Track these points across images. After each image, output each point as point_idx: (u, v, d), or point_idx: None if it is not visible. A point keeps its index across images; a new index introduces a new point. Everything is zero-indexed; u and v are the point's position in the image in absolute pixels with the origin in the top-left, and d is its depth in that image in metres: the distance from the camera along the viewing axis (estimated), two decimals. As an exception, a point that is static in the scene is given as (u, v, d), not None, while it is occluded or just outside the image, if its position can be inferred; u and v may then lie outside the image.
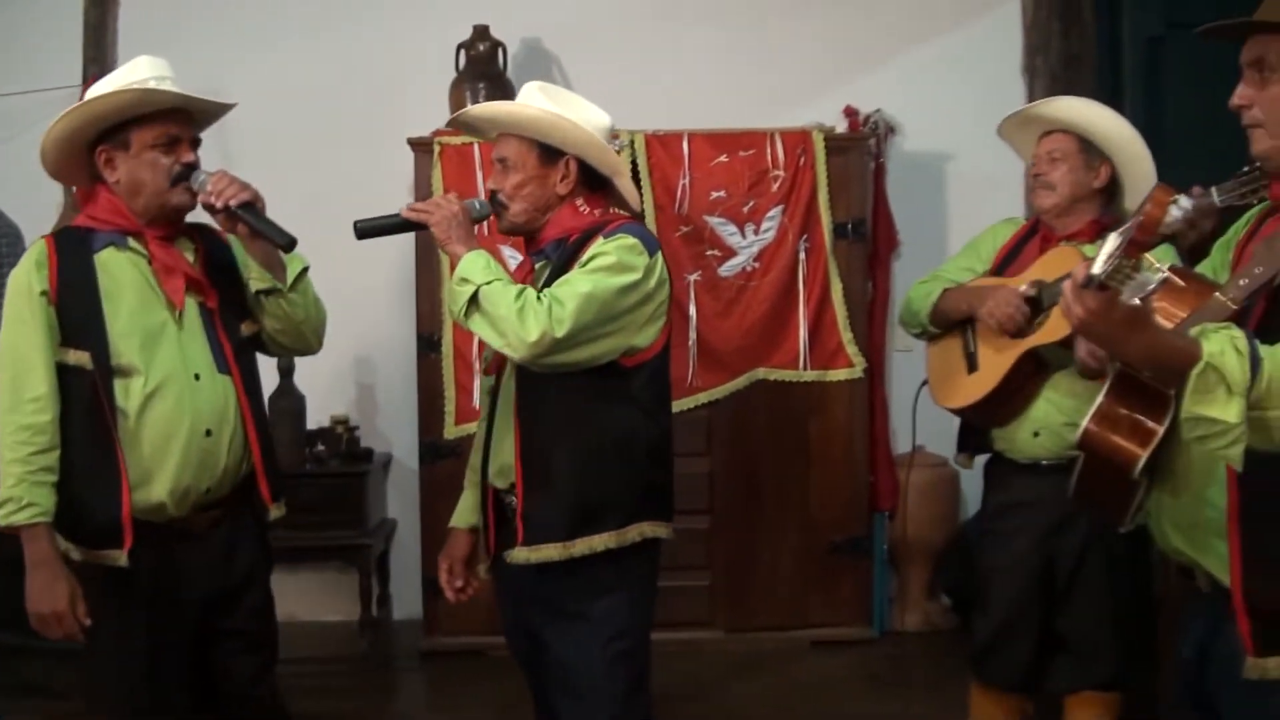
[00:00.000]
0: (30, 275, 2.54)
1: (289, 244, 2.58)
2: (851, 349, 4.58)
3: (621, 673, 2.56)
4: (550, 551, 2.50)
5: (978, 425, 3.30)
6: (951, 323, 3.26)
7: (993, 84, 4.78)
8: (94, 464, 2.52)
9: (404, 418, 4.83)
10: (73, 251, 2.58)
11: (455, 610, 4.53)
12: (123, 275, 2.58)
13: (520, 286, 2.44)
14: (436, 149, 4.47)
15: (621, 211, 2.67)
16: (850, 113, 4.86)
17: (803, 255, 4.54)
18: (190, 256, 2.66)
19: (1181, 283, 1.97)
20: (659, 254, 2.56)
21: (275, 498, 2.73)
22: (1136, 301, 1.70)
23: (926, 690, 4.24)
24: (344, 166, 4.83)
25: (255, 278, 2.64)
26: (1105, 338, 1.80)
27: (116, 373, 2.52)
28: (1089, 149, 3.12)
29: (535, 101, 2.57)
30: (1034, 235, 3.25)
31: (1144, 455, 1.91)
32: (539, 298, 2.39)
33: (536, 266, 2.60)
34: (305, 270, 2.71)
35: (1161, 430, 1.87)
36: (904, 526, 4.78)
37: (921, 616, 4.86)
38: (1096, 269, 1.68)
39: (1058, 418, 3.08)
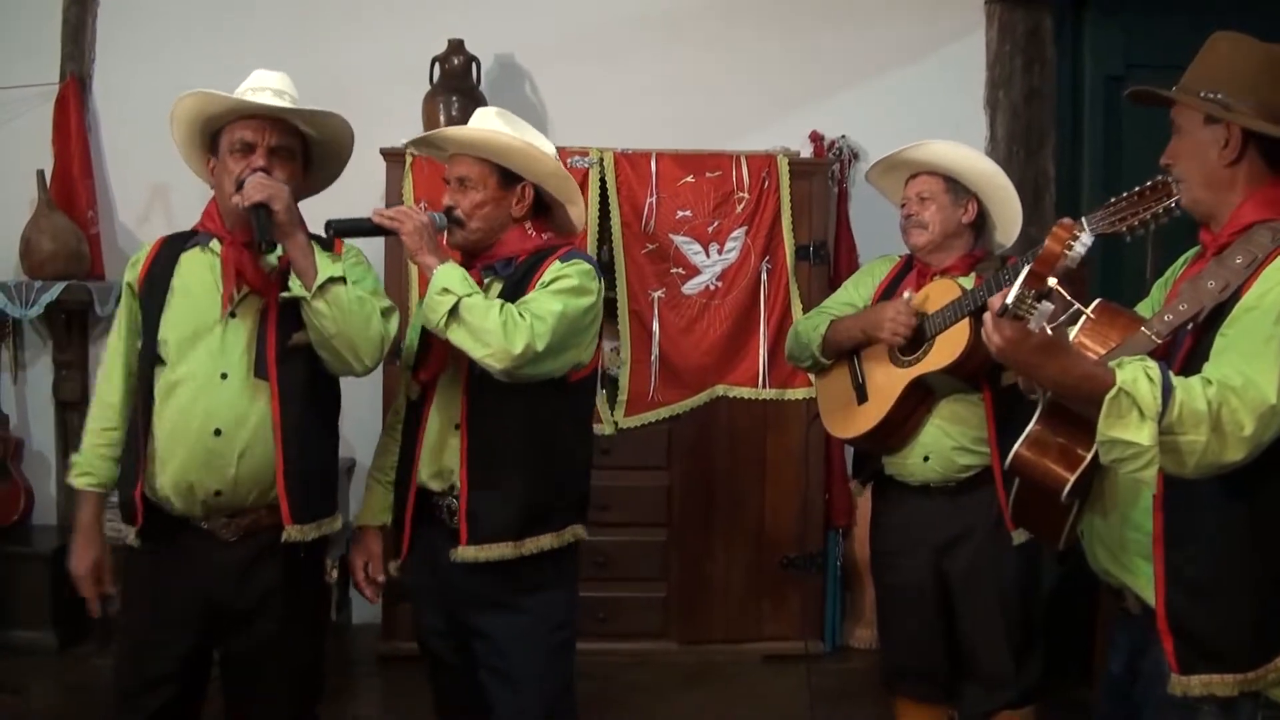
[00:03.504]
0: (127, 269, 2.75)
1: (259, 239, 2.54)
2: (810, 369, 4.66)
3: (560, 665, 2.69)
4: (503, 550, 2.61)
5: (870, 452, 3.38)
6: (843, 351, 3.35)
7: (955, 115, 4.87)
8: (132, 443, 2.65)
9: (368, 424, 4.83)
10: (168, 249, 2.71)
11: (414, 616, 4.61)
12: (195, 274, 2.66)
13: (499, 301, 2.53)
14: (408, 159, 4.52)
15: (562, 236, 2.81)
16: (815, 138, 4.95)
17: (765, 276, 4.63)
18: (275, 262, 2.64)
19: (1104, 316, 2.06)
20: (602, 279, 2.72)
21: (299, 518, 2.63)
22: (1048, 330, 1.79)
23: (873, 705, 4.29)
24: (316, 174, 4.87)
25: (290, 285, 2.58)
26: (1023, 364, 1.90)
27: (158, 362, 2.61)
28: (955, 187, 3.26)
29: (498, 128, 2.67)
30: (909, 270, 3.37)
31: (1072, 479, 2.00)
32: (520, 314, 2.49)
33: (487, 281, 2.68)
34: (334, 279, 2.57)
35: (1089, 456, 1.96)
36: (857, 544, 4.86)
37: (872, 633, 4.91)
38: (1009, 299, 1.77)
39: (946, 442, 3.17)
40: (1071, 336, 2.07)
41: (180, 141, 2.72)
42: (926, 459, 3.20)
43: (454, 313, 2.48)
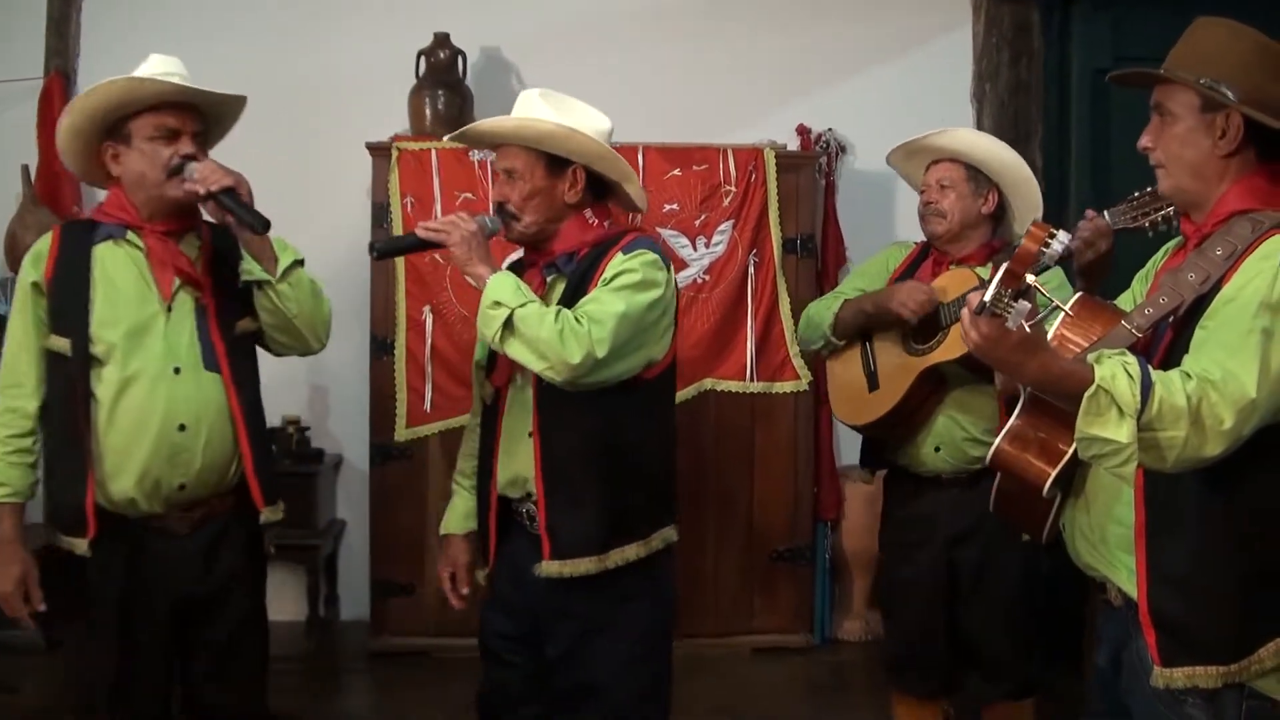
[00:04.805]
0: (28, 267, 2.60)
1: (262, 226, 2.55)
2: (798, 362, 4.66)
3: (644, 673, 2.60)
4: (586, 565, 2.50)
5: (880, 440, 3.37)
6: (853, 331, 3.32)
7: (942, 108, 4.84)
8: (66, 450, 2.54)
9: (355, 419, 4.86)
10: (74, 242, 2.60)
11: (402, 612, 4.61)
12: (117, 267, 2.58)
13: (554, 309, 2.41)
14: (395, 154, 4.52)
15: (625, 222, 2.67)
16: (802, 131, 4.95)
17: (752, 269, 4.62)
18: (194, 252, 2.64)
19: (1084, 310, 2.06)
20: (670, 266, 2.58)
21: (269, 500, 2.69)
22: (1026, 327, 1.79)
23: (864, 697, 4.31)
24: (301, 170, 4.86)
25: (245, 269, 2.60)
26: (1001, 361, 1.88)
27: (93, 361, 2.53)
28: (976, 176, 3.21)
29: (539, 110, 2.55)
30: (925, 258, 3.34)
31: (1053, 473, 2.00)
32: (577, 319, 2.38)
33: (549, 279, 2.58)
34: (298, 263, 2.65)
35: (1070, 450, 1.96)
36: (846, 536, 4.87)
37: (861, 625, 4.94)
38: (986, 297, 1.77)
39: (957, 432, 3.17)
40: (1052, 332, 2.07)
41: (78, 127, 2.60)
42: (938, 449, 3.20)
43: (508, 326, 2.38)
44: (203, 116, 2.65)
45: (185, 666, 2.70)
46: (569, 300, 2.48)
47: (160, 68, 2.61)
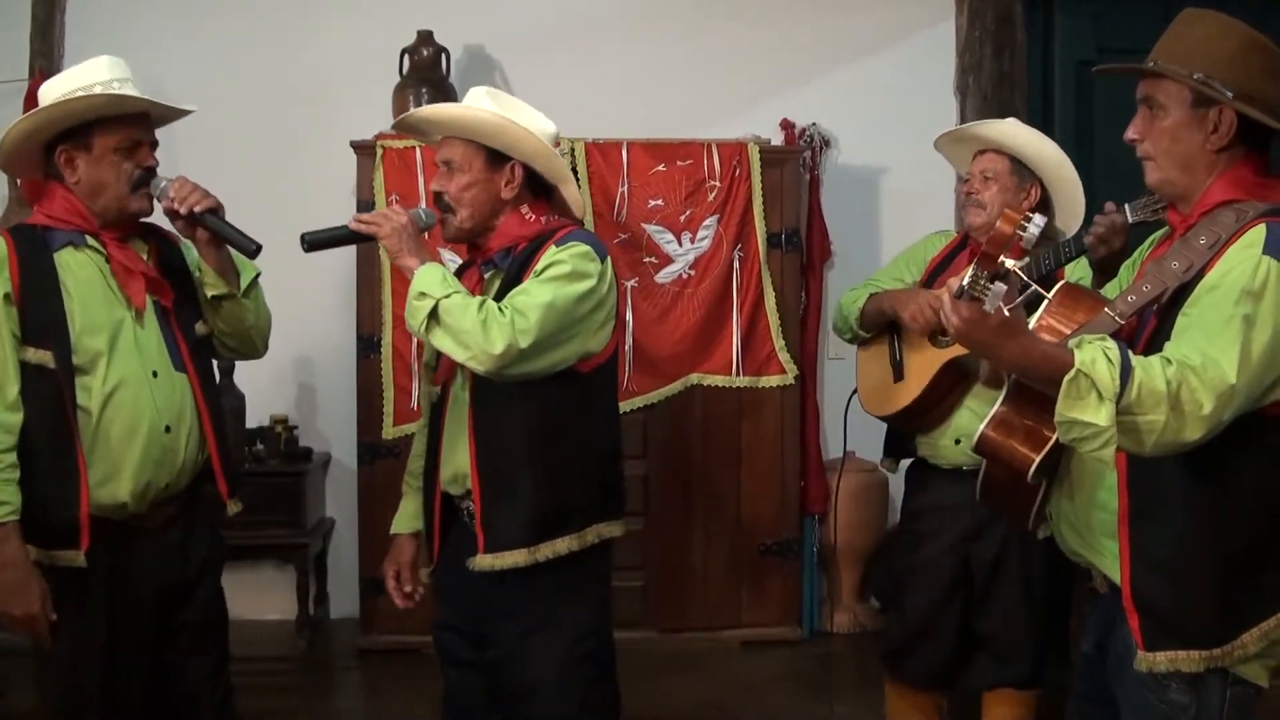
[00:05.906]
0: None
1: (255, 250, 2.59)
2: (784, 356, 4.67)
3: (582, 674, 2.59)
4: (516, 558, 2.50)
5: (903, 431, 3.39)
6: (878, 325, 3.35)
7: (926, 101, 4.89)
8: (53, 463, 2.50)
9: (343, 418, 4.86)
10: (33, 250, 2.54)
11: (392, 609, 4.59)
12: (83, 274, 2.56)
13: (480, 299, 2.42)
14: (379, 152, 4.51)
15: (565, 219, 2.67)
16: (786, 126, 4.96)
17: (737, 264, 4.63)
18: (145, 257, 2.66)
19: (1067, 298, 2.07)
20: (608, 259, 2.59)
21: (232, 493, 2.75)
22: (1005, 310, 1.80)
23: (853, 690, 4.32)
24: (286, 168, 4.86)
25: (210, 283, 2.64)
26: (981, 345, 1.89)
27: (78, 371, 2.50)
28: (1020, 170, 3.19)
29: (483, 106, 2.56)
30: (963, 249, 3.33)
31: (1037, 459, 2.01)
32: (501, 310, 2.38)
33: (486, 276, 2.60)
34: (257, 277, 2.75)
35: (1054, 436, 1.97)
36: (834, 530, 4.89)
37: (850, 618, 4.95)
38: (964, 280, 1.78)
39: (978, 425, 3.16)
40: (1036, 319, 2.08)
41: (37, 130, 2.55)
42: (958, 441, 3.21)
43: (433, 316, 2.39)
44: (151, 126, 2.68)
45: (163, 652, 2.69)
46: (504, 294, 2.48)
47: (110, 73, 2.59)
